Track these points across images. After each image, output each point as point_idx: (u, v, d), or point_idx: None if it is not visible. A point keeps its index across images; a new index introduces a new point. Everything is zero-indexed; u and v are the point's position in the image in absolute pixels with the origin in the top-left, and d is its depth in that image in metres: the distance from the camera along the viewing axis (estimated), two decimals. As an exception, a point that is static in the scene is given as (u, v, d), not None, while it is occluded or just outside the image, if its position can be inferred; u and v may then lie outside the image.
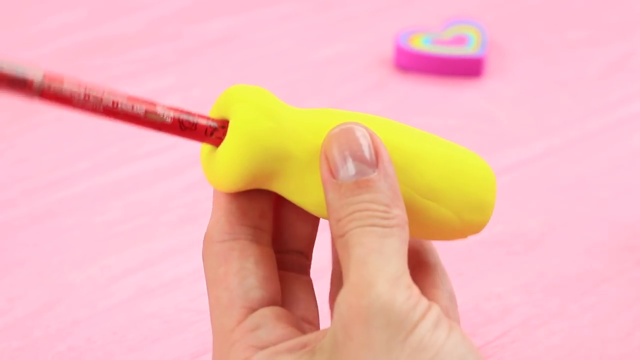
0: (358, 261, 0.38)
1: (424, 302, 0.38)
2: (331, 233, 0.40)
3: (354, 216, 0.39)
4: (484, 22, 0.79)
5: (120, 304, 0.55)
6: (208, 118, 0.41)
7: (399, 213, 0.40)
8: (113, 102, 0.39)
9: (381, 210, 0.39)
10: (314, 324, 0.44)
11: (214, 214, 0.43)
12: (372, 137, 0.40)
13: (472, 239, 0.60)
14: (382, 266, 0.38)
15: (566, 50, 0.77)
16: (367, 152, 0.40)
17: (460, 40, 0.74)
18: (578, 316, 0.55)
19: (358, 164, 0.40)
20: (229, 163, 0.41)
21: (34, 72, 0.38)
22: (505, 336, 0.54)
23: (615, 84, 0.74)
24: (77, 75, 0.73)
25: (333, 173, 0.40)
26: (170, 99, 0.70)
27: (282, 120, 0.41)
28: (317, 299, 0.49)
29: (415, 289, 0.38)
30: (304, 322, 0.44)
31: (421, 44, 0.73)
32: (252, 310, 0.41)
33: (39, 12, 0.79)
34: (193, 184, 0.63)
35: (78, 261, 0.57)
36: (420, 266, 0.45)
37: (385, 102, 0.71)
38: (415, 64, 0.73)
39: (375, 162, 0.40)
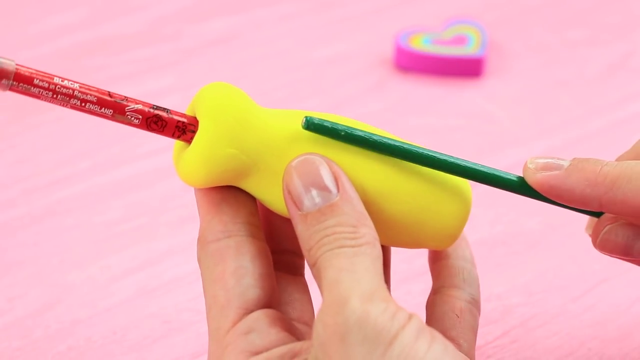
0: (330, 282, 0.38)
1: (403, 313, 0.38)
2: (307, 264, 0.41)
3: (323, 241, 0.40)
4: (484, 22, 0.79)
5: (120, 304, 0.55)
6: (180, 116, 0.42)
7: (367, 231, 0.40)
8: (81, 102, 0.40)
9: (348, 231, 0.40)
10: (310, 325, 0.44)
11: (204, 218, 0.43)
12: (329, 164, 0.41)
13: (471, 238, 0.60)
14: (354, 284, 0.38)
15: (566, 50, 0.77)
16: (327, 179, 0.40)
17: (460, 40, 0.74)
18: (578, 316, 0.55)
19: (320, 192, 0.40)
20: (195, 164, 0.41)
21: (7, 66, 0.39)
22: (505, 336, 0.54)
23: (615, 84, 0.74)
24: (77, 75, 0.73)
25: (298, 205, 0.40)
26: (170, 99, 0.70)
27: (251, 126, 0.41)
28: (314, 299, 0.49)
29: (392, 302, 0.38)
30: (300, 322, 0.44)
31: (421, 44, 0.73)
32: (248, 311, 0.41)
33: (39, 12, 0.79)
34: (193, 184, 0.63)
35: (78, 261, 0.57)
36: (446, 268, 0.46)
37: (385, 102, 0.71)
38: (415, 64, 0.73)
39: (336, 187, 0.40)
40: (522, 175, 0.45)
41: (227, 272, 0.41)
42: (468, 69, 0.73)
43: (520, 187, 0.44)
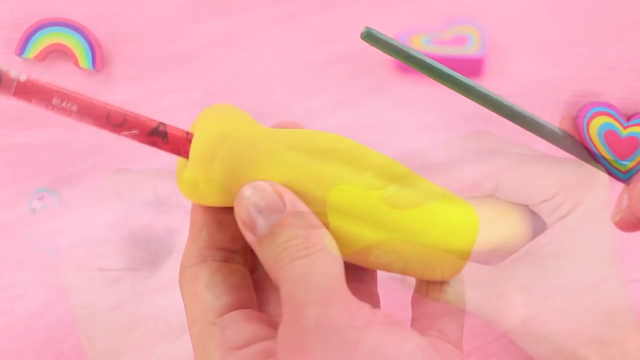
0: (286, 296, 0.38)
1: (365, 310, 0.37)
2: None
3: (277, 260, 0.40)
4: (484, 22, 0.79)
5: (120, 304, 0.55)
6: (176, 140, 0.43)
7: (319, 238, 0.40)
8: (79, 120, 0.42)
9: (300, 242, 0.40)
10: None
11: (185, 244, 0.44)
12: (273, 186, 0.41)
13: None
14: (309, 292, 0.38)
15: (566, 50, 0.77)
16: (271, 200, 0.41)
17: (460, 40, 0.74)
18: (577, 316, 0.55)
19: (268, 214, 0.40)
20: (186, 191, 0.43)
21: (12, 78, 0.39)
22: (505, 336, 0.54)
23: (615, 83, 0.74)
24: (78, 76, 0.73)
25: (252, 231, 0.41)
26: (170, 100, 0.70)
27: (248, 146, 0.42)
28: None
29: (353, 301, 0.37)
30: None
31: (421, 44, 0.73)
32: (222, 315, 0.42)
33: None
34: (193, 184, 0.63)
35: (78, 261, 0.57)
36: None
37: (385, 102, 0.71)
38: (415, 64, 0.73)
39: (282, 204, 0.41)
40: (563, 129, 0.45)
41: (199, 288, 0.42)
42: (468, 69, 0.73)
43: (562, 139, 0.46)
